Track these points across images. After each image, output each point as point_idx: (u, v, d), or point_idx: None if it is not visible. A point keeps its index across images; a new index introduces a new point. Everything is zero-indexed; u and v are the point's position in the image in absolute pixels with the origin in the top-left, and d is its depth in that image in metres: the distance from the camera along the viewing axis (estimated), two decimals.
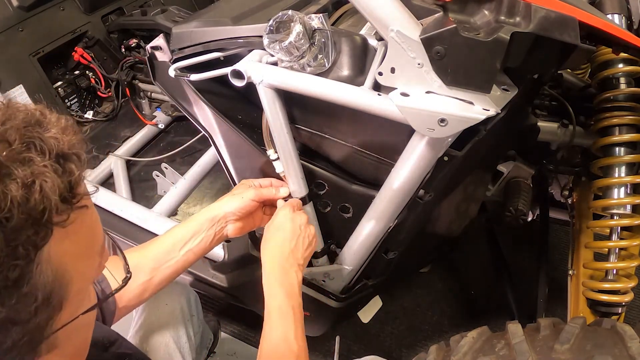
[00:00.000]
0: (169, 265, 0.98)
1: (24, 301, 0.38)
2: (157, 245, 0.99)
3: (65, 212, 0.39)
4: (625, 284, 1.11)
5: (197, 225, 1.00)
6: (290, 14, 0.87)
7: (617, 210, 1.11)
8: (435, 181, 0.98)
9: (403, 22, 0.79)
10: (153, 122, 1.98)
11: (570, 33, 0.75)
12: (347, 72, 0.92)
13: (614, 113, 1.12)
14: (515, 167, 1.32)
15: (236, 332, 1.70)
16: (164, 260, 0.98)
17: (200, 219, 1.01)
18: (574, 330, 0.80)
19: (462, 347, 0.87)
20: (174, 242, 0.99)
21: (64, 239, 0.40)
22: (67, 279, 0.41)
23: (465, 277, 1.88)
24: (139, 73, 1.96)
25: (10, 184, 0.36)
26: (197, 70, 1.03)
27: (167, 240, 0.99)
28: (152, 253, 0.98)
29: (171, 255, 0.98)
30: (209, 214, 1.01)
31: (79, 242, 0.43)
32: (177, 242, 0.99)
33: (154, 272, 0.97)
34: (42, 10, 1.81)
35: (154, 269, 0.97)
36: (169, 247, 0.98)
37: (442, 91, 0.81)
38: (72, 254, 0.42)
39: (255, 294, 1.33)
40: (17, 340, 0.39)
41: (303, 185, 1.07)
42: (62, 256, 0.40)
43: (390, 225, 1.07)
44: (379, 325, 1.71)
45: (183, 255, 0.99)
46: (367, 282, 1.27)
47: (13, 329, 0.38)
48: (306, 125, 1.08)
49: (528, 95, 1.12)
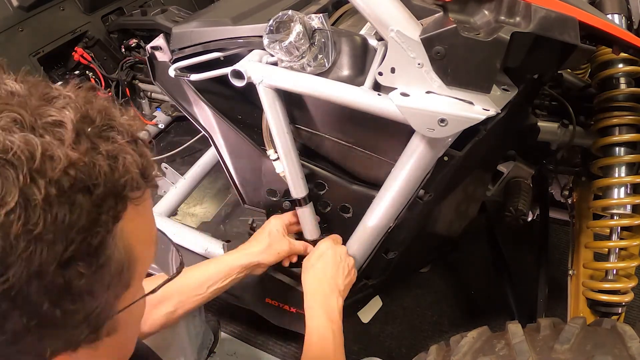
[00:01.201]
0: (194, 300, 1.00)
1: (100, 271, 0.39)
2: (186, 279, 1.00)
3: (141, 187, 0.42)
4: (625, 284, 1.11)
5: (230, 270, 1.03)
6: (290, 14, 0.87)
7: (617, 210, 1.11)
8: (435, 181, 0.98)
9: (403, 22, 0.79)
10: (153, 122, 1.98)
11: (570, 33, 0.75)
12: (347, 72, 0.92)
13: (614, 113, 1.12)
14: (515, 167, 1.32)
15: (236, 332, 1.69)
16: (191, 295, 0.99)
17: (234, 264, 1.03)
18: (574, 330, 0.80)
19: (462, 347, 0.87)
20: (204, 281, 1.01)
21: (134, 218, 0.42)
22: (134, 258, 0.43)
23: (465, 277, 1.88)
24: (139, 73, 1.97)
25: (97, 155, 0.38)
26: (197, 70, 1.03)
27: (198, 277, 1.01)
28: (180, 286, 0.98)
29: (199, 291, 1.00)
30: (244, 261, 1.04)
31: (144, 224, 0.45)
32: (207, 281, 1.01)
33: (179, 304, 0.98)
34: (42, 10, 1.81)
35: (180, 301, 0.98)
36: (198, 283, 1.00)
37: (442, 91, 0.81)
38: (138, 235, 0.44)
39: (255, 294, 1.33)
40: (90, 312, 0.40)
41: (303, 185, 1.07)
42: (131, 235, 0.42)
43: (390, 225, 1.07)
44: (379, 325, 1.71)
45: (210, 292, 1.01)
46: (367, 282, 1.27)
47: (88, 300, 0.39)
48: (306, 125, 1.08)
49: (528, 95, 1.12)
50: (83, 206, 0.37)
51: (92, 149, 0.38)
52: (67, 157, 0.36)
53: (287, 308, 1.30)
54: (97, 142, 0.39)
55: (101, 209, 0.38)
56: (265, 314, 1.37)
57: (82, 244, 0.37)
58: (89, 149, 0.38)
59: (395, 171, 0.98)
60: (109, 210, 0.39)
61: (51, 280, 0.36)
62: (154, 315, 0.94)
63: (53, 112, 0.38)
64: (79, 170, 0.37)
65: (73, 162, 0.37)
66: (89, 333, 0.42)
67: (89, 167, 0.37)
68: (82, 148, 0.38)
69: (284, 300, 1.29)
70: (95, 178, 0.38)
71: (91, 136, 0.39)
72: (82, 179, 0.37)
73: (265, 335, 1.66)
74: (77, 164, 0.37)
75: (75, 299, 0.39)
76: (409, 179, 0.97)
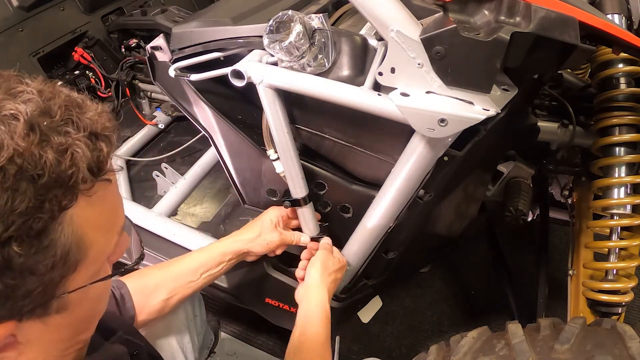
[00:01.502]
0: (189, 287, 1.03)
1: (43, 253, 0.42)
2: (179, 266, 1.04)
3: (90, 182, 0.44)
4: (625, 284, 1.11)
5: (222, 256, 1.07)
6: (290, 14, 0.87)
7: (617, 210, 1.11)
8: (435, 181, 0.98)
9: (403, 22, 0.79)
10: (153, 122, 1.98)
11: (570, 33, 0.75)
12: (347, 72, 0.92)
13: (614, 113, 1.12)
14: (515, 167, 1.32)
15: (236, 332, 1.70)
16: (185, 282, 1.03)
17: (225, 250, 1.07)
18: (574, 330, 0.80)
19: (462, 347, 0.87)
20: (196, 267, 1.04)
21: (87, 207, 0.45)
22: (85, 244, 0.46)
23: (465, 277, 1.88)
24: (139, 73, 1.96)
25: (46, 147, 0.41)
26: (197, 70, 1.03)
27: (191, 264, 1.04)
28: (174, 274, 1.02)
29: (192, 278, 1.03)
30: (234, 248, 1.08)
31: (100, 213, 0.47)
32: (199, 267, 1.04)
33: (173, 291, 1.01)
34: (42, 10, 1.80)
35: (175, 288, 1.01)
36: (191, 270, 1.04)
37: (442, 91, 0.81)
38: (92, 223, 0.46)
39: (255, 294, 1.33)
40: (32, 290, 0.43)
41: (303, 185, 1.07)
42: (83, 222, 0.45)
43: (391, 225, 1.07)
44: (379, 325, 1.71)
45: (203, 279, 1.05)
46: (367, 282, 1.27)
47: (29, 277, 0.42)
48: (306, 125, 1.08)
49: (528, 95, 1.12)
50: (26, 193, 0.40)
51: (43, 141, 0.41)
52: (15, 147, 0.40)
53: (287, 308, 1.30)
54: (50, 135, 0.42)
55: (45, 197, 0.41)
56: (265, 314, 1.37)
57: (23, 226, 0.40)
58: (39, 142, 0.41)
59: (395, 171, 0.98)
60: (54, 199, 0.41)
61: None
62: (150, 303, 0.97)
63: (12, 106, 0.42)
64: (25, 160, 0.40)
65: (20, 153, 0.40)
66: (33, 307, 0.45)
67: (36, 158, 0.40)
68: (32, 139, 0.41)
69: (284, 300, 1.29)
70: (41, 168, 0.40)
71: (45, 130, 0.42)
72: (28, 168, 0.40)
73: (265, 335, 1.67)
74: (24, 154, 0.40)
75: (15, 275, 0.41)
76: (409, 179, 0.97)
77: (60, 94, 0.46)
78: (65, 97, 0.46)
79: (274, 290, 1.28)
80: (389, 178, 1.00)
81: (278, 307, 1.31)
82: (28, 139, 0.40)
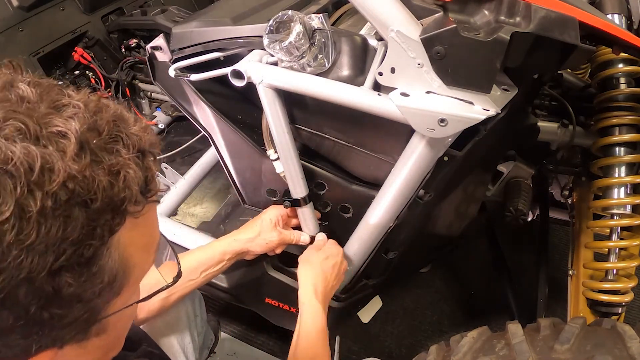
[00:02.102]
0: (188, 285, 1.04)
1: (91, 280, 0.40)
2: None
3: (140, 203, 0.42)
4: (625, 284, 1.11)
5: (221, 256, 1.07)
6: (290, 14, 0.87)
7: (617, 210, 1.11)
8: (435, 181, 0.98)
9: (403, 22, 0.79)
10: (153, 122, 1.98)
11: (570, 33, 0.75)
12: (347, 72, 0.92)
13: (614, 113, 1.12)
14: (515, 167, 1.32)
15: (236, 332, 1.69)
16: (185, 281, 1.03)
17: (226, 250, 1.08)
18: (574, 330, 0.80)
19: (462, 347, 0.87)
20: (196, 266, 1.04)
21: (133, 229, 0.43)
22: (130, 267, 0.44)
23: (465, 277, 1.88)
24: (139, 73, 1.97)
25: (99, 169, 0.38)
26: (197, 70, 1.03)
27: (191, 263, 1.04)
28: None
29: (192, 276, 1.04)
30: (234, 247, 1.08)
31: (144, 234, 0.46)
32: (199, 266, 1.05)
33: (173, 290, 1.00)
34: (42, 10, 1.81)
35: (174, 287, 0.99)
36: (191, 269, 1.04)
37: (442, 91, 0.81)
38: (137, 245, 0.45)
39: (255, 294, 1.33)
40: (78, 317, 0.42)
41: (303, 185, 1.07)
42: (129, 245, 0.43)
43: (390, 225, 1.07)
44: (379, 325, 1.71)
45: (203, 277, 1.05)
46: (367, 282, 1.27)
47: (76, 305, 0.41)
48: (306, 125, 1.08)
49: (528, 95, 1.12)
50: (78, 219, 0.37)
51: (94, 162, 0.38)
52: (67, 170, 0.36)
53: (287, 308, 1.30)
54: (100, 155, 0.39)
55: (97, 222, 0.38)
56: (265, 314, 1.37)
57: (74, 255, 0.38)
58: (90, 163, 0.38)
59: (395, 171, 0.98)
60: (105, 224, 0.39)
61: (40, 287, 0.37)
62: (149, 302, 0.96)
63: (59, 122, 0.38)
64: (78, 184, 0.37)
65: (72, 176, 0.37)
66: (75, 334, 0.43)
67: (88, 181, 0.37)
68: (84, 161, 0.38)
69: (284, 300, 1.29)
70: (94, 193, 0.38)
71: (95, 149, 0.39)
72: (80, 192, 0.37)
73: (265, 335, 1.66)
74: (77, 177, 0.37)
75: (63, 305, 0.39)
76: (409, 179, 0.97)
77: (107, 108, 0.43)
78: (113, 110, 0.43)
79: (274, 290, 1.28)
80: (389, 178, 1.00)
81: (278, 307, 1.32)
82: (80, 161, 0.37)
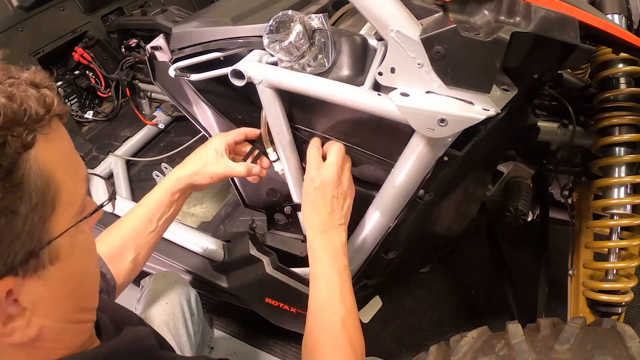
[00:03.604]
0: (151, 238, 1.03)
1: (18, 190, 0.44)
2: (134, 221, 1.03)
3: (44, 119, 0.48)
4: (625, 284, 1.11)
5: (170, 197, 1.04)
6: (290, 14, 0.87)
7: (617, 210, 1.11)
8: (435, 181, 0.98)
9: (403, 22, 0.79)
10: (153, 122, 1.98)
11: (570, 33, 0.74)
12: (347, 72, 0.92)
13: (614, 113, 1.12)
14: (515, 167, 1.32)
15: (236, 332, 1.70)
16: (146, 234, 1.02)
17: (173, 190, 1.04)
18: (574, 330, 0.80)
19: (462, 347, 0.87)
20: (151, 216, 1.03)
21: (48, 147, 0.48)
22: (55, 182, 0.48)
23: (465, 277, 1.88)
24: (139, 73, 1.96)
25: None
26: (197, 70, 1.03)
27: (144, 215, 1.03)
28: (132, 230, 1.02)
29: (150, 227, 1.03)
30: (180, 185, 1.04)
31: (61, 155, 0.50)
32: (154, 215, 1.03)
33: (138, 247, 1.01)
34: (42, 10, 1.80)
35: (138, 244, 1.02)
36: (147, 221, 1.03)
37: (442, 91, 0.81)
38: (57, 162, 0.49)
39: (255, 294, 1.33)
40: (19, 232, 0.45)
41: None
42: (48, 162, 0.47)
43: (390, 225, 1.07)
44: (379, 326, 1.71)
45: (161, 225, 1.04)
46: (367, 282, 1.27)
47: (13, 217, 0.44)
48: (306, 125, 1.08)
49: (528, 95, 1.12)
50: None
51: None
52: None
53: (287, 308, 1.30)
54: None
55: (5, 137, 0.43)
56: (265, 314, 1.37)
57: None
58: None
59: (395, 171, 0.98)
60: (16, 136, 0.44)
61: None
62: (121, 266, 0.99)
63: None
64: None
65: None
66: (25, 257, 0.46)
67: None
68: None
69: (284, 300, 1.29)
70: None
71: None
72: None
73: (265, 335, 1.66)
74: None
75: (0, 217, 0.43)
76: (409, 179, 0.97)
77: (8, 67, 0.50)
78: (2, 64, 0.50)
79: (274, 290, 1.28)
80: (388, 178, 1.00)
81: (278, 307, 1.32)
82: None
